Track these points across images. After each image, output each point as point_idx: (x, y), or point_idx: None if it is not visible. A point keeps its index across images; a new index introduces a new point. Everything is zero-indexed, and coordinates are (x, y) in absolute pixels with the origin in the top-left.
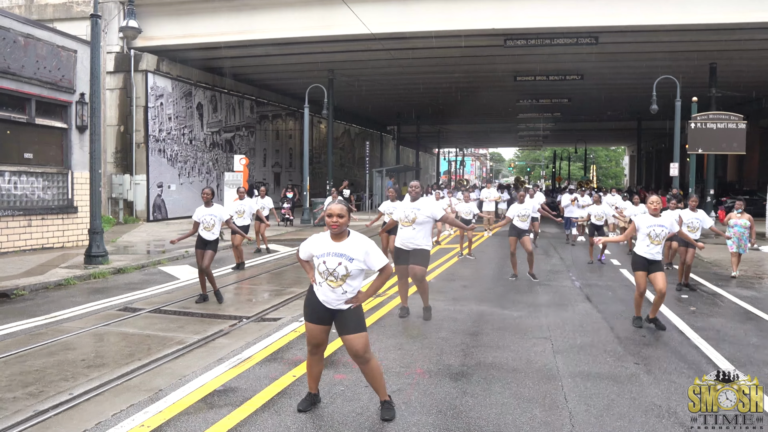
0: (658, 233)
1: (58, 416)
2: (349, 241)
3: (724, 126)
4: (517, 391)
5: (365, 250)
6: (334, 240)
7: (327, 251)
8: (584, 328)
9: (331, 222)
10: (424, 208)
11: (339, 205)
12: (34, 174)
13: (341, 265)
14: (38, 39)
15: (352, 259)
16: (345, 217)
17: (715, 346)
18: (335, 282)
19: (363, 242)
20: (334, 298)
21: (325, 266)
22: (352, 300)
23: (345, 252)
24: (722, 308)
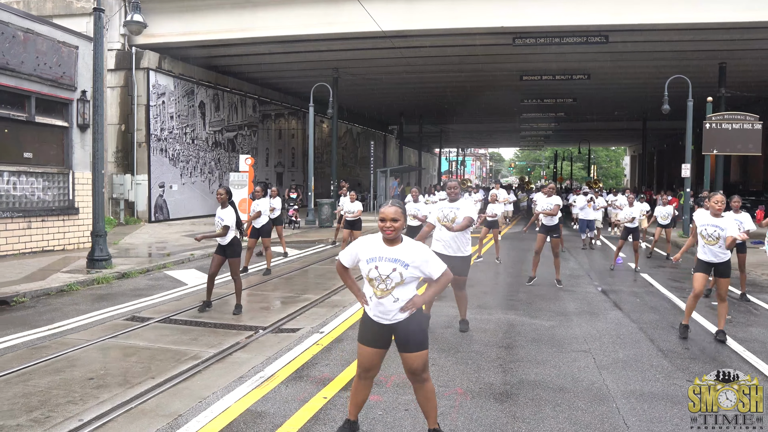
0: (711, 233)
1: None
2: (405, 246)
3: (740, 126)
4: (570, 415)
5: (424, 258)
6: (387, 245)
7: (379, 255)
8: (622, 339)
9: (385, 227)
10: (463, 208)
11: (393, 208)
12: (34, 174)
13: (395, 271)
14: (38, 34)
15: (408, 266)
16: (400, 221)
17: (766, 360)
18: (386, 291)
19: (421, 248)
20: (386, 309)
21: (377, 272)
22: (407, 306)
23: (400, 257)
24: (758, 317)
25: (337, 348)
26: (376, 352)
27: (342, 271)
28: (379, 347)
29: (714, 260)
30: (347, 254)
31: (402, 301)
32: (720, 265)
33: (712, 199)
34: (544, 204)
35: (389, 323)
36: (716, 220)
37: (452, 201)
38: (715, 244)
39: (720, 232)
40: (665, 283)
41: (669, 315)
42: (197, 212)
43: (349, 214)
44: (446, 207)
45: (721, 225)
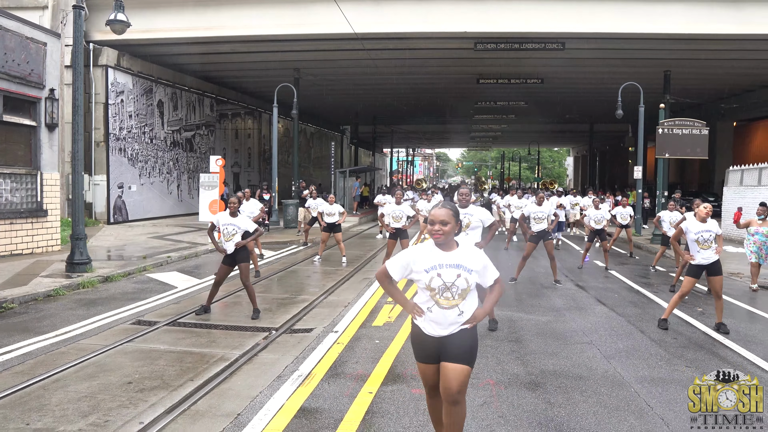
0: (707, 238)
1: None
2: (464, 251)
3: (689, 132)
4: (599, 400)
5: (483, 263)
6: (443, 250)
7: (440, 262)
8: (617, 332)
9: (434, 230)
10: (475, 213)
11: (444, 210)
12: (2, 175)
13: (461, 277)
14: (6, 30)
15: (472, 271)
16: (450, 224)
17: (745, 347)
18: (451, 300)
19: (480, 253)
20: (448, 321)
21: (441, 280)
22: (471, 320)
23: (462, 262)
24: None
25: (358, 346)
26: (436, 368)
27: (386, 281)
28: (435, 362)
29: (706, 263)
30: (397, 265)
31: (466, 314)
32: (712, 266)
33: (700, 206)
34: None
35: (444, 335)
36: (706, 225)
37: (463, 207)
38: (709, 248)
39: (712, 235)
40: (634, 279)
41: (648, 308)
42: (156, 213)
43: (329, 216)
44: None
45: (712, 229)
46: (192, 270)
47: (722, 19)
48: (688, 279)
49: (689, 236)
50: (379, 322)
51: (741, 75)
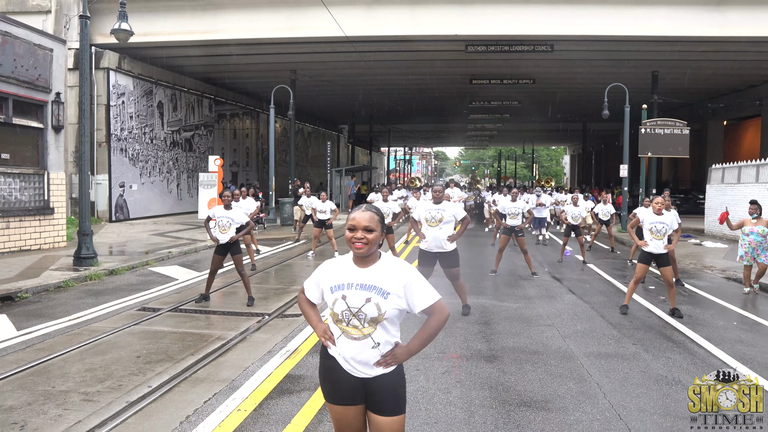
0: (659, 229)
1: (152, 405)
2: (382, 266)
3: (671, 131)
4: (547, 369)
5: (406, 282)
6: (358, 265)
7: (348, 281)
8: (579, 316)
9: (355, 238)
10: (448, 209)
11: (368, 214)
12: (12, 175)
13: (370, 302)
14: (16, 37)
15: (387, 294)
16: (376, 232)
17: (692, 328)
18: (359, 329)
19: (401, 268)
20: (360, 356)
21: (345, 304)
22: (387, 358)
23: (377, 282)
24: (685, 297)
25: None
26: (355, 412)
27: (302, 301)
28: (355, 403)
29: (656, 252)
30: (311, 282)
31: (381, 348)
32: (661, 256)
33: (654, 200)
34: (511, 209)
35: (364, 377)
36: (661, 217)
37: (437, 203)
38: (662, 238)
39: (666, 227)
40: (609, 272)
41: (614, 297)
42: (156, 212)
43: (321, 213)
44: (432, 208)
45: (665, 221)
46: (192, 264)
47: (705, 22)
48: (640, 265)
49: (644, 225)
50: None
51: (727, 75)
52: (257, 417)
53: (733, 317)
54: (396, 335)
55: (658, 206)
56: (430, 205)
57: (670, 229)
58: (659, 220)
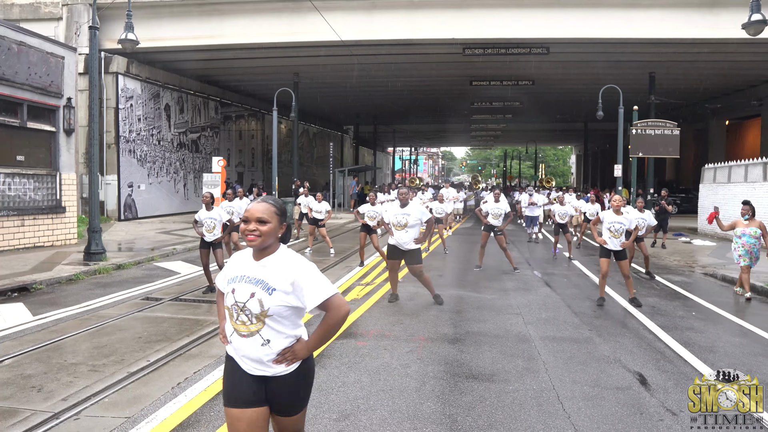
0: (618, 228)
1: (149, 375)
2: (274, 260)
3: (662, 132)
4: (502, 349)
5: (294, 276)
6: (254, 258)
7: (241, 274)
8: (547, 306)
9: (248, 230)
10: (413, 213)
11: (264, 205)
12: (26, 176)
13: (254, 297)
14: (30, 46)
15: (273, 290)
16: (270, 224)
17: (651, 318)
18: (246, 325)
19: (293, 263)
20: (252, 354)
21: (233, 298)
22: (286, 355)
23: (265, 277)
24: (657, 291)
25: None
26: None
27: (218, 296)
28: (251, 405)
29: (615, 248)
30: (222, 275)
31: (273, 347)
32: (619, 252)
33: (612, 199)
34: (494, 209)
35: (262, 375)
36: (619, 217)
37: (403, 206)
38: (619, 237)
39: (623, 227)
40: (592, 268)
41: (587, 290)
42: (164, 211)
43: (317, 213)
44: (398, 213)
45: (623, 221)
46: (195, 260)
47: (697, 24)
48: (602, 260)
49: (604, 224)
50: (348, 298)
51: (726, 76)
52: None
53: (693, 308)
54: (293, 332)
55: (616, 203)
56: (397, 210)
57: (629, 227)
58: (617, 220)
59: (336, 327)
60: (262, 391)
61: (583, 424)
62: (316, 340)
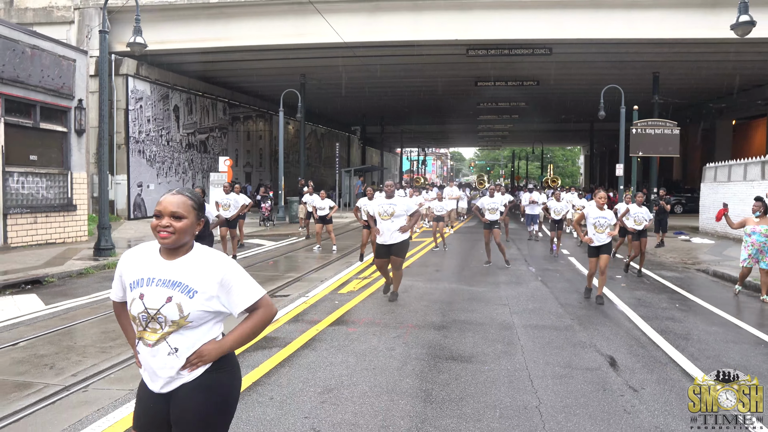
0: (602, 224)
1: None
2: (192, 259)
3: (661, 132)
4: (484, 335)
5: (220, 276)
6: (165, 257)
7: (149, 276)
8: (535, 298)
9: (161, 226)
10: (399, 203)
11: (179, 198)
12: (39, 175)
13: (171, 301)
14: (43, 50)
15: (194, 292)
16: (187, 219)
17: (634, 309)
18: (157, 332)
19: (216, 262)
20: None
21: (142, 304)
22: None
23: (182, 278)
24: (646, 285)
25: (321, 305)
26: None
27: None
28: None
29: (599, 244)
30: (115, 280)
31: (183, 352)
32: (603, 247)
33: (596, 196)
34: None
35: (166, 392)
36: (603, 213)
37: (389, 197)
38: (603, 232)
39: (607, 221)
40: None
41: (577, 284)
42: None
43: (321, 210)
44: (384, 203)
45: (607, 216)
46: None
47: (699, 24)
48: (590, 260)
49: (588, 221)
50: (345, 290)
51: (731, 75)
52: None
53: (678, 301)
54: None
55: (601, 201)
56: (383, 200)
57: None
58: (601, 215)
59: (261, 327)
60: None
61: (547, 398)
62: (235, 340)
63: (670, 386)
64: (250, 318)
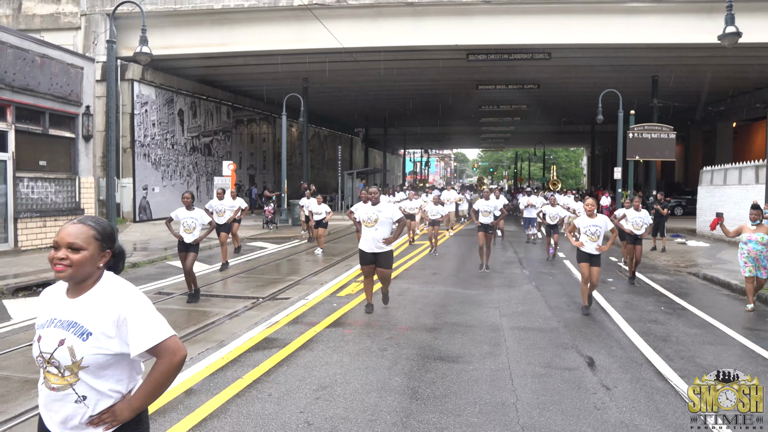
0: (594, 232)
1: None
2: (95, 296)
3: (657, 136)
4: (472, 337)
5: (119, 313)
6: (68, 294)
7: (52, 316)
8: (525, 301)
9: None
10: (384, 210)
11: (78, 226)
12: (48, 179)
13: (63, 345)
14: (52, 58)
15: (88, 334)
16: (87, 251)
17: (620, 312)
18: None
19: (119, 297)
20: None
21: (38, 348)
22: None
23: (78, 318)
24: (636, 288)
25: (320, 307)
26: None
27: None
28: None
29: (592, 252)
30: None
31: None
32: (595, 258)
33: (585, 202)
34: (484, 207)
35: None
36: (594, 221)
37: (374, 204)
38: (596, 240)
39: (599, 230)
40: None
41: (569, 287)
42: None
43: (317, 215)
44: (369, 210)
45: (599, 224)
46: (205, 259)
47: (698, 29)
48: (581, 265)
49: (581, 230)
50: (343, 293)
51: (731, 79)
52: (235, 362)
53: (664, 304)
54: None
55: (589, 208)
56: (368, 207)
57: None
58: (593, 223)
59: (170, 377)
60: None
61: (525, 395)
62: (143, 396)
63: (641, 385)
64: (155, 368)
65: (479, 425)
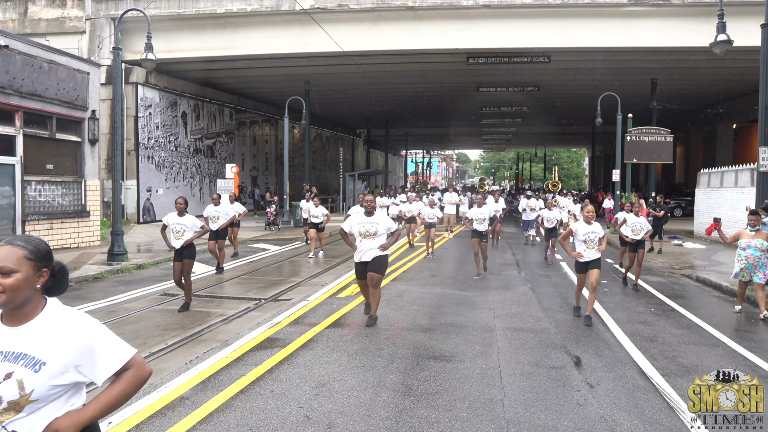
0: (592, 239)
1: (167, 354)
2: (42, 323)
3: (655, 139)
4: (466, 337)
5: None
6: (8, 323)
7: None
8: (519, 302)
9: None
10: (381, 222)
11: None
12: (55, 183)
13: (11, 378)
14: (59, 64)
15: (41, 364)
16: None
17: (611, 313)
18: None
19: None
20: None
21: None
22: None
23: (27, 348)
24: (629, 290)
25: (320, 308)
26: None
27: None
28: None
29: (589, 259)
30: None
31: None
32: (593, 262)
33: (584, 210)
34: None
35: None
36: (592, 228)
37: (368, 215)
38: (594, 247)
39: (597, 236)
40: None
41: (563, 289)
42: None
43: (314, 218)
44: (366, 221)
45: (597, 231)
46: (207, 261)
47: (694, 32)
48: (578, 276)
49: (578, 237)
50: (343, 295)
51: (728, 81)
52: (238, 361)
53: (654, 304)
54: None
55: (589, 215)
56: (363, 219)
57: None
58: (590, 230)
59: (135, 388)
60: None
61: (512, 392)
62: (99, 410)
63: (623, 383)
64: (119, 380)
65: (467, 419)
